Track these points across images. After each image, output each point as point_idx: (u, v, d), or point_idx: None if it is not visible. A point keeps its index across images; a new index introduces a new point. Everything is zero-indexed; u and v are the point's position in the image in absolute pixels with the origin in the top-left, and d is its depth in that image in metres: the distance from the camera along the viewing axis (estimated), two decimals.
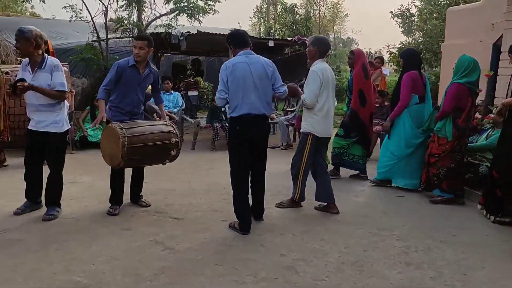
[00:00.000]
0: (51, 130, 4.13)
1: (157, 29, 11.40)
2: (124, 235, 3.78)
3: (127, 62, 4.34)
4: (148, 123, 4.34)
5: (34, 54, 4.07)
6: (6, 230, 3.83)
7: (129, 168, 4.43)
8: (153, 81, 4.56)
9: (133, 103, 4.37)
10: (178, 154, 4.42)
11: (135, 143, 4.03)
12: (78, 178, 5.57)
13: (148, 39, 4.41)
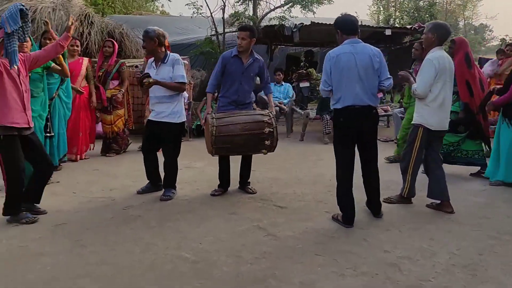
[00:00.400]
0: (169, 120, 4.47)
1: (271, 21, 11.62)
2: (230, 218, 3.96)
3: (230, 53, 4.55)
4: (243, 113, 4.41)
5: (157, 51, 4.47)
6: (130, 207, 4.26)
7: (226, 155, 4.58)
8: (258, 71, 4.63)
9: (237, 93, 4.52)
10: (274, 144, 4.40)
11: (223, 132, 4.21)
12: (192, 163, 5.97)
13: (251, 29, 4.52)
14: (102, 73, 6.41)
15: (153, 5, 28.89)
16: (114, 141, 6.63)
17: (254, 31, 4.53)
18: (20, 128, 3.69)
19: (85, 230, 3.64)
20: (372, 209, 4.00)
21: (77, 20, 8.31)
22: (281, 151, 7.14)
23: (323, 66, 3.77)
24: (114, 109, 6.51)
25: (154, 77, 4.38)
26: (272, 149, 4.44)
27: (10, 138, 3.65)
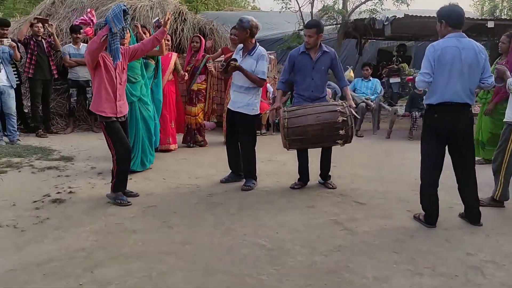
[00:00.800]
0: (243, 111, 4.63)
1: (361, 15, 11.36)
2: (307, 211, 4.02)
3: (298, 50, 4.58)
4: (316, 105, 4.40)
5: (248, 41, 4.61)
6: (213, 194, 4.50)
7: (304, 149, 4.62)
8: (330, 63, 4.56)
9: (310, 88, 4.53)
10: (350, 133, 4.31)
11: (294, 124, 4.25)
12: (274, 157, 6.10)
13: (316, 25, 4.49)
14: (190, 68, 6.77)
15: (245, 0, 29.56)
16: (198, 132, 6.98)
17: (320, 27, 4.50)
18: (110, 117, 4.06)
19: (172, 213, 3.92)
20: (471, 218, 3.74)
21: (172, 17, 8.82)
22: (365, 148, 7.07)
23: (425, 57, 3.55)
24: (198, 102, 6.87)
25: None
26: (348, 140, 4.37)
27: (111, 123, 4.05)
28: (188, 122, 6.95)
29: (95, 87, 4.04)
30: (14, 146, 6.57)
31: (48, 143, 6.98)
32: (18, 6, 20.89)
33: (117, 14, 3.70)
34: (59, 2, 9.30)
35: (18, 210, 3.95)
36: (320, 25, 4.55)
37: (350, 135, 4.33)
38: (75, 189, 4.59)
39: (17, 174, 5.16)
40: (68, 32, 8.30)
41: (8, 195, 4.34)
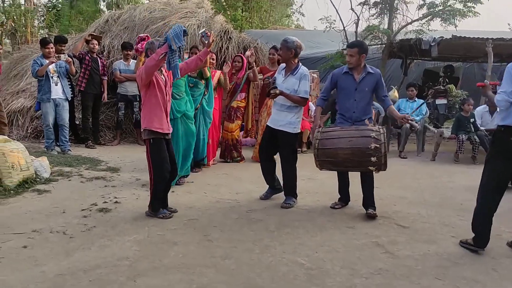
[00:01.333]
0: (285, 130, 4.67)
1: (407, 35, 11.24)
2: (347, 231, 3.98)
3: (342, 69, 4.54)
4: (352, 128, 4.31)
5: (291, 61, 4.68)
6: (253, 211, 4.54)
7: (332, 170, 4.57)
8: (375, 85, 4.45)
9: (352, 109, 4.43)
10: (382, 161, 4.13)
11: (325, 145, 4.22)
12: (314, 175, 6.08)
13: (359, 45, 4.44)
14: (232, 85, 6.92)
15: (289, 19, 29.86)
16: (234, 148, 7.08)
17: (363, 47, 4.44)
18: (163, 133, 4.19)
19: (213, 227, 3.99)
20: None
21: (217, 35, 9.05)
22: (409, 169, 6.92)
23: (507, 76, 3.38)
24: (236, 118, 6.99)
25: (280, 84, 4.63)
26: (381, 167, 4.19)
27: (158, 141, 4.16)
28: (225, 138, 7.06)
29: (147, 104, 4.15)
30: (65, 156, 6.89)
31: (96, 154, 7.28)
32: (73, 24, 22.03)
33: (178, 33, 3.87)
34: (112, 21, 9.76)
35: (67, 217, 4.14)
36: (363, 45, 4.50)
37: (382, 163, 4.14)
38: (120, 199, 4.75)
39: (67, 182, 5.41)
40: (119, 49, 8.68)
41: (59, 203, 4.56)
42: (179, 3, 10.31)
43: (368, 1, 12.04)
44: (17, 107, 8.61)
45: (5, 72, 9.72)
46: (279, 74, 4.78)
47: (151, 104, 4.13)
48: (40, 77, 6.92)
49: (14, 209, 4.36)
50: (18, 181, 5.01)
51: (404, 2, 12.00)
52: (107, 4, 23.15)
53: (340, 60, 11.16)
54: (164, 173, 4.16)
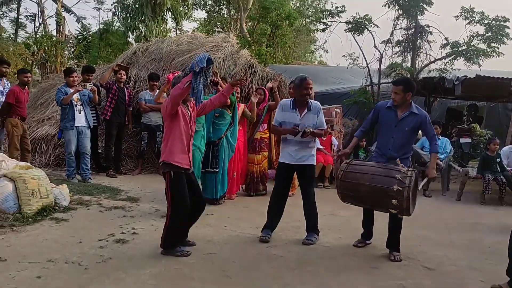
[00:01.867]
0: (310, 163, 4.64)
1: (430, 73, 11.18)
2: (372, 272, 3.82)
3: (386, 103, 4.43)
4: (380, 165, 4.16)
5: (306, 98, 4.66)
6: (273, 246, 4.42)
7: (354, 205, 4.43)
8: (418, 125, 4.30)
9: (388, 145, 4.31)
10: (404, 206, 3.90)
11: (348, 178, 4.13)
12: (337, 211, 5.93)
13: (405, 83, 4.30)
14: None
15: (312, 56, 30.26)
16: (261, 180, 6.99)
17: (409, 85, 4.30)
18: (184, 168, 4.03)
19: (231, 262, 3.87)
20: None
21: (242, 69, 9.15)
22: (433, 209, 6.71)
23: None
24: (262, 150, 6.94)
25: (298, 122, 4.56)
26: (403, 212, 3.98)
27: (179, 176, 4.02)
28: (251, 171, 6.99)
29: (170, 137, 3.99)
30: (86, 185, 6.91)
31: (117, 183, 7.28)
32: (102, 55, 22.74)
33: (202, 58, 3.82)
34: (139, 52, 9.98)
35: (83, 248, 4.08)
36: (409, 83, 4.35)
37: (404, 208, 3.91)
38: (138, 230, 4.69)
39: (86, 211, 5.39)
40: (145, 80, 8.83)
41: (76, 232, 4.52)
42: (205, 37, 10.52)
43: (391, 40, 12.08)
44: (41, 135, 8.74)
45: (33, 100, 9.95)
46: (290, 112, 4.64)
47: (173, 137, 3.98)
48: (64, 106, 7.05)
49: (31, 237, 4.33)
50: (37, 208, 5.00)
51: (427, 41, 12.01)
52: (136, 37, 23.88)
53: (363, 96, 11.14)
54: (181, 209, 3.96)
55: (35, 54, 23.85)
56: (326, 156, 8.18)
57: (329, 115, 9.05)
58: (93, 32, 27.45)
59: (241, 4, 24.92)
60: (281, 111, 4.72)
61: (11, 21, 28.40)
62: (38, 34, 27.38)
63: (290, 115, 4.64)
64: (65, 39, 25.72)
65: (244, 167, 6.99)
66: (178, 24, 25.45)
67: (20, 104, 7.00)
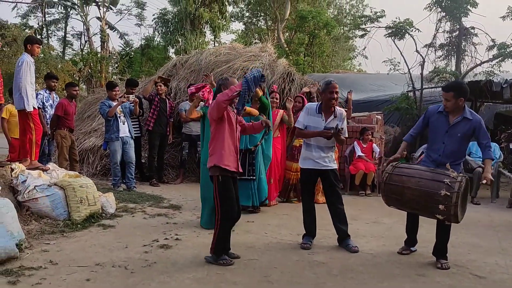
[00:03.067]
0: (334, 167, 4.63)
1: (476, 76, 10.81)
2: (418, 280, 3.70)
3: (437, 107, 4.26)
4: (427, 169, 4.01)
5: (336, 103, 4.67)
6: (315, 253, 4.37)
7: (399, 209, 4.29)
8: (471, 131, 4.10)
9: (438, 152, 4.15)
10: (451, 212, 3.74)
11: (394, 181, 4.02)
12: (380, 219, 5.81)
13: (455, 88, 4.08)
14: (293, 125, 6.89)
15: (351, 63, 29.97)
16: (295, 188, 6.97)
17: (460, 89, 4.06)
18: (232, 171, 4.02)
19: (273, 268, 3.86)
20: None
21: (280, 77, 9.18)
22: (483, 216, 6.44)
23: None
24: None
25: (324, 126, 4.52)
26: (450, 218, 3.81)
27: (227, 179, 3.95)
28: (287, 178, 6.97)
29: (216, 141, 3.97)
30: (131, 193, 7.11)
31: (159, 191, 7.44)
32: (144, 69, 23.45)
33: (257, 77, 3.81)
34: (179, 65, 10.22)
35: (129, 252, 4.19)
36: (461, 87, 4.11)
37: (452, 214, 3.75)
38: (181, 236, 4.76)
39: (131, 218, 5.54)
40: (185, 91, 9.02)
41: (122, 238, 4.65)
42: (243, 48, 10.64)
43: (434, 43, 11.79)
44: (88, 146, 9.09)
45: (80, 113, 10.38)
46: (315, 116, 4.62)
47: (221, 140, 3.94)
48: (110, 118, 7.30)
49: (80, 242, 4.49)
50: (85, 215, 5.19)
51: (473, 44, 11.63)
52: (176, 50, 24.50)
53: (405, 103, 10.89)
54: (232, 213, 3.94)
55: (82, 70, 24.91)
56: (367, 163, 8.04)
57: (370, 122, 8.91)
58: (135, 47, 28.41)
59: (278, 15, 25.12)
60: (306, 115, 4.69)
61: (59, 39, 29.91)
62: (84, 51, 28.64)
63: (315, 120, 4.61)
64: (109, 55, 26.74)
65: (282, 174, 6.98)
66: (216, 36, 25.95)
67: (68, 116, 7.32)
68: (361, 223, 5.62)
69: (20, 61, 5.59)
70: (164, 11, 25.81)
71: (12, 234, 4.02)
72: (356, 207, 6.57)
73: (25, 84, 5.56)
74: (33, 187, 5.07)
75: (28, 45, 5.71)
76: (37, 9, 26.46)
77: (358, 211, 6.22)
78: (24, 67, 5.56)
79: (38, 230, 4.71)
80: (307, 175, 4.72)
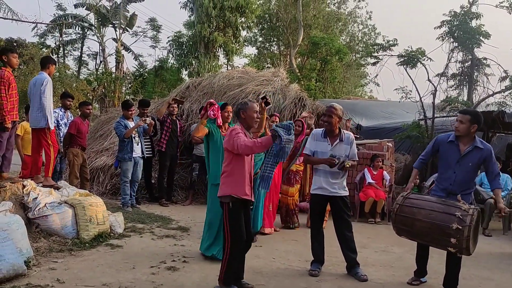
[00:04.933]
0: (343, 194, 4.56)
1: (488, 107, 10.78)
2: None
3: (447, 136, 4.25)
4: (439, 201, 3.96)
5: (337, 127, 4.60)
6: (323, 280, 4.35)
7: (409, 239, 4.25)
8: (482, 161, 4.09)
9: (449, 181, 4.12)
10: (464, 245, 3.71)
11: (404, 212, 4.01)
12: (389, 248, 5.73)
13: (472, 114, 4.12)
14: (292, 149, 6.86)
15: (362, 90, 30.08)
16: (295, 212, 6.94)
17: (477, 116, 4.10)
18: (247, 200, 3.88)
19: None
20: None
21: (292, 102, 9.24)
22: (495, 249, 6.33)
23: None
24: (296, 182, 6.90)
25: (328, 152, 4.52)
26: (462, 251, 3.77)
27: (237, 206, 3.80)
28: (285, 203, 6.93)
29: (233, 168, 3.84)
30: (139, 213, 7.12)
31: (168, 212, 7.44)
32: (157, 90, 23.74)
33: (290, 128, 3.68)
34: (192, 87, 10.35)
35: (136, 273, 4.18)
36: (477, 115, 4.15)
37: (464, 247, 3.72)
38: (188, 259, 4.74)
39: (139, 239, 5.53)
40: (197, 113, 9.11)
41: (130, 258, 4.65)
42: (256, 72, 10.76)
43: (446, 73, 11.81)
44: (99, 165, 9.14)
45: (92, 132, 10.50)
46: (321, 141, 4.62)
47: (237, 168, 3.84)
48: (126, 139, 7.38)
49: (88, 261, 4.49)
50: (93, 234, 5.20)
51: (485, 74, 11.64)
52: (189, 73, 24.81)
53: (416, 130, 10.85)
54: (242, 242, 3.82)
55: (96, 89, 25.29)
56: (377, 191, 7.99)
57: (381, 149, 8.88)
58: (149, 69, 28.84)
59: (291, 41, 25.42)
60: (313, 140, 4.70)
61: (75, 59, 30.47)
62: (99, 71, 29.12)
63: (321, 145, 4.62)
64: (123, 76, 27.14)
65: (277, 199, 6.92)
66: (229, 60, 26.26)
67: (80, 135, 7.40)
68: (371, 252, 5.55)
69: (44, 80, 5.72)
70: (178, 34, 26.25)
71: (21, 251, 4.05)
72: (365, 235, 6.50)
73: (50, 104, 5.71)
74: (43, 205, 5.10)
75: (49, 64, 5.87)
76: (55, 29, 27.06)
77: (368, 239, 6.14)
78: (49, 86, 5.73)
79: (47, 248, 4.72)
80: (315, 201, 4.70)
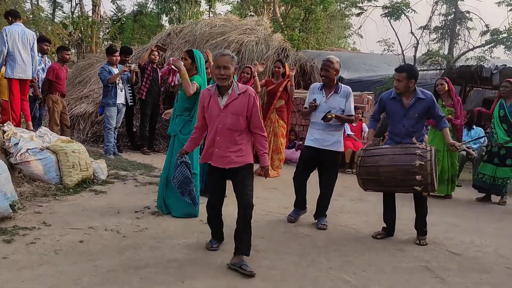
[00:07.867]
0: (334, 149, 4.59)
1: (468, 61, 10.92)
2: (397, 254, 3.90)
3: (389, 94, 4.37)
4: (397, 146, 4.15)
5: (334, 81, 4.63)
6: (300, 225, 4.56)
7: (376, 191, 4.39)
8: (426, 109, 4.25)
9: (400, 134, 4.27)
10: (428, 180, 3.88)
11: (367, 163, 4.12)
12: (364, 196, 5.96)
13: (408, 70, 4.20)
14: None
15: (345, 42, 29.82)
16: None
17: (412, 72, 4.22)
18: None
19: (260, 238, 4.02)
20: None
21: (275, 52, 9.20)
22: (463, 198, 6.67)
23: None
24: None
25: (323, 104, 4.56)
26: (427, 187, 3.97)
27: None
28: None
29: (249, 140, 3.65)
30: (121, 160, 7.20)
31: (150, 160, 7.54)
32: (136, 36, 23.09)
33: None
34: (174, 34, 10.16)
35: (121, 218, 4.32)
36: (413, 70, 4.28)
37: (429, 182, 3.90)
38: None
39: (122, 185, 5.64)
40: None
41: (114, 204, 4.78)
42: (239, 20, 10.59)
43: (429, 26, 11.81)
44: (79, 112, 9.08)
45: (70, 78, 10.29)
46: (317, 94, 4.67)
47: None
48: (110, 84, 7.32)
49: (72, 206, 4.60)
50: (77, 180, 5.29)
51: (467, 28, 11.67)
52: (169, 19, 24.12)
53: None
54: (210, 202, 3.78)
55: (72, 34, 24.44)
56: (356, 142, 8.20)
57: (361, 102, 9.02)
58: (127, 13, 27.87)
59: None
60: (311, 94, 4.77)
61: (49, 0, 29.14)
62: (74, 15, 28.01)
63: (317, 97, 4.67)
64: (100, 20, 26.21)
65: None
66: (211, 6, 25.56)
67: (59, 81, 7.29)
68: (347, 200, 5.80)
69: None
70: None
71: (5, 194, 4.13)
72: (343, 184, 6.71)
73: None
74: (25, 150, 5.13)
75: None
76: None
77: (345, 188, 6.38)
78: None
79: (31, 193, 4.80)
80: (305, 152, 4.77)
